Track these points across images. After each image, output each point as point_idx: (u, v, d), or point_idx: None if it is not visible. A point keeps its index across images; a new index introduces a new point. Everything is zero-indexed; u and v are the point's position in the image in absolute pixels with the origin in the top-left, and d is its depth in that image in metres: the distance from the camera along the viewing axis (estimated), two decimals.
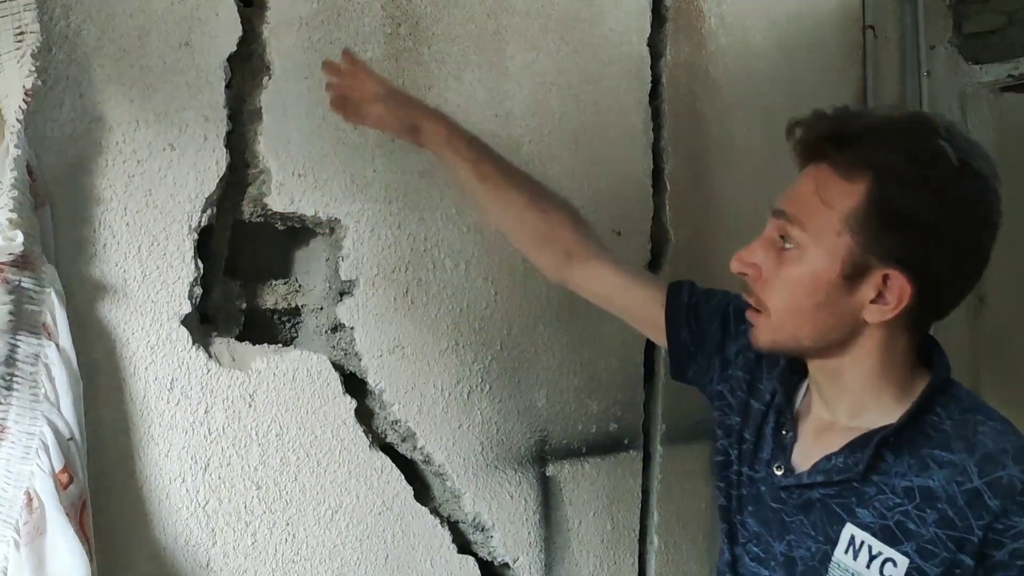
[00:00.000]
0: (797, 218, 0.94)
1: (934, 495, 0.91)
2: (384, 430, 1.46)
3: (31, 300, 1.04)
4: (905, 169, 0.90)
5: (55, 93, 1.13)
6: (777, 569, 1.01)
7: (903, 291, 0.91)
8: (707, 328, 1.16)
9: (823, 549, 0.96)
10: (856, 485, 0.95)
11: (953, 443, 0.92)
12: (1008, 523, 0.88)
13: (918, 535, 0.91)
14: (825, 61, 2.28)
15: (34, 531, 1.01)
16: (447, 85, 1.50)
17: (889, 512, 0.93)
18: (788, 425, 1.03)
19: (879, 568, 0.92)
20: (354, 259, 1.40)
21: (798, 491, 0.99)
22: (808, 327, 0.96)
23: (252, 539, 1.28)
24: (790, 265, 0.95)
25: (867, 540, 0.93)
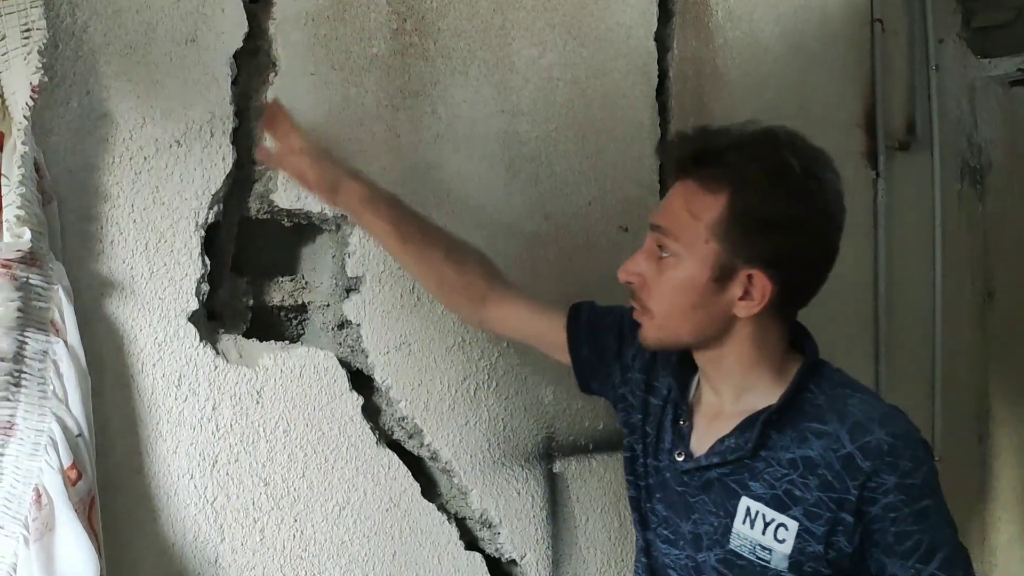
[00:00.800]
0: (670, 230, 1.07)
1: (814, 463, 1.04)
2: (391, 427, 1.46)
3: (39, 297, 1.04)
4: (758, 181, 1.03)
5: (62, 90, 1.13)
6: (686, 547, 1.12)
7: (765, 288, 1.04)
8: (606, 340, 1.28)
9: (724, 523, 1.08)
10: (747, 462, 1.07)
11: (827, 416, 1.05)
12: (879, 481, 1.01)
13: (804, 500, 1.03)
14: (833, 55, 2.27)
15: (43, 527, 1.01)
16: (453, 80, 1.50)
17: (777, 482, 1.05)
18: (684, 416, 1.16)
19: (773, 533, 1.05)
20: (360, 256, 1.40)
21: (698, 473, 1.11)
22: (687, 325, 1.08)
23: (260, 535, 1.28)
24: (668, 272, 1.07)
25: (761, 510, 1.06)
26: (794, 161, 1.04)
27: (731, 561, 1.08)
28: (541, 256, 1.62)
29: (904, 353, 2.49)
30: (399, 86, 1.43)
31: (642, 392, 1.22)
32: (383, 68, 1.41)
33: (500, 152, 1.56)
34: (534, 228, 1.61)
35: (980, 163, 2.83)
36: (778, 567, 1.05)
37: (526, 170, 1.60)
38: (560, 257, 1.64)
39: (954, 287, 2.70)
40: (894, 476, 1.01)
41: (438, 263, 1.29)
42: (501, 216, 1.56)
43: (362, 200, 1.26)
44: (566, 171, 1.65)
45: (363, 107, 1.39)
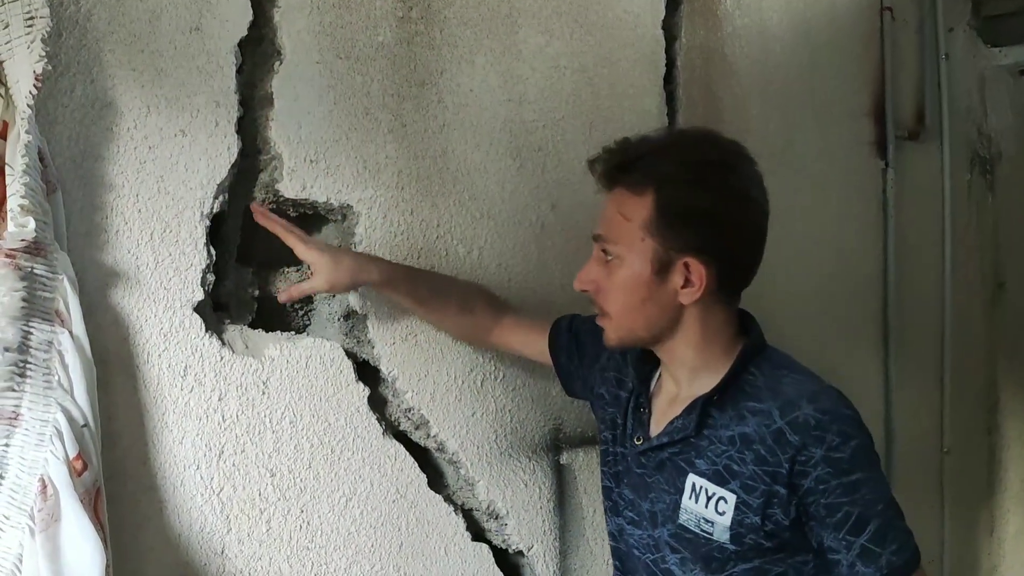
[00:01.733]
0: (609, 236, 1.16)
1: (750, 439, 1.11)
2: (397, 418, 1.46)
3: (44, 287, 1.04)
4: (678, 174, 1.12)
5: (66, 79, 1.12)
6: (647, 527, 1.21)
7: (701, 273, 1.12)
8: (587, 346, 1.39)
9: (674, 499, 1.17)
10: (693, 441, 1.16)
11: (763, 395, 1.14)
12: (808, 454, 1.08)
13: (740, 474, 1.11)
14: (842, 44, 2.25)
15: (49, 518, 1.00)
16: (459, 69, 1.48)
17: (718, 459, 1.13)
18: (644, 404, 1.25)
19: (714, 506, 1.12)
20: (366, 246, 1.39)
21: (652, 453, 1.20)
22: (640, 320, 1.17)
23: (267, 526, 1.28)
24: (616, 273, 1.15)
25: (704, 484, 1.14)
26: (710, 155, 1.15)
27: (680, 535, 1.16)
28: (548, 245, 1.61)
29: (913, 344, 2.48)
30: (405, 75, 1.42)
31: (614, 387, 1.32)
32: (389, 57, 1.40)
33: (507, 141, 1.55)
34: (541, 217, 1.60)
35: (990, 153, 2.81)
36: (720, 539, 1.12)
37: (533, 159, 1.59)
38: (567, 247, 1.63)
39: (963, 278, 2.68)
40: (820, 449, 1.08)
41: (453, 315, 1.43)
42: (508, 205, 1.55)
43: (379, 286, 1.35)
44: (573, 160, 1.64)
45: (369, 96, 1.38)
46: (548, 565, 1.60)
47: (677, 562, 1.17)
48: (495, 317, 1.45)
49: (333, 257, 1.28)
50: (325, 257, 1.27)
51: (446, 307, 1.42)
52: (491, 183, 1.53)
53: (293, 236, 1.27)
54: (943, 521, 2.63)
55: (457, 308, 1.42)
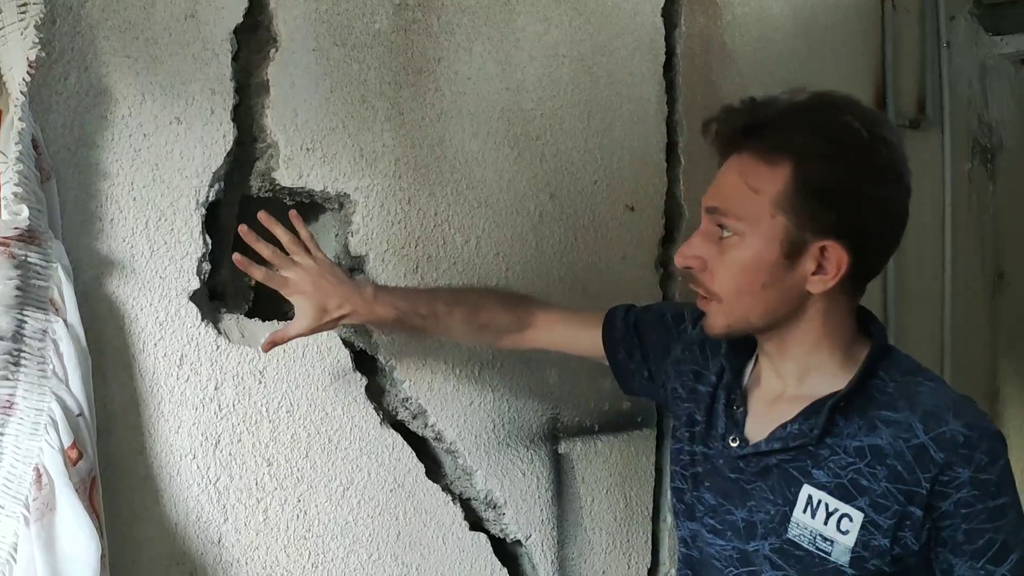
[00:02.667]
0: (730, 210, 1.01)
1: (883, 452, 0.99)
2: (395, 407, 1.45)
3: (38, 275, 1.03)
4: (821, 147, 0.97)
5: (60, 66, 1.11)
6: (732, 537, 1.07)
7: (841, 259, 0.99)
8: (650, 339, 1.28)
9: (782, 511, 1.03)
10: (811, 449, 1.02)
11: (897, 403, 1.00)
12: (952, 475, 0.96)
13: (871, 490, 0.98)
14: (843, 32, 2.24)
15: (44, 507, 1.00)
16: (457, 57, 1.47)
17: (843, 471, 1.00)
18: (738, 401, 1.11)
19: (836, 523, 0.99)
20: (364, 234, 1.39)
21: (756, 459, 1.06)
22: (758, 307, 1.03)
23: (264, 515, 1.28)
24: (733, 252, 1.01)
25: (823, 498, 1.00)
26: (857, 124, 0.98)
27: (787, 551, 1.02)
28: (546, 235, 1.60)
29: (913, 334, 2.48)
30: (402, 63, 1.41)
31: (692, 381, 1.18)
32: (386, 44, 1.39)
33: (505, 130, 1.54)
34: (539, 207, 1.59)
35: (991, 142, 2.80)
36: (839, 560, 0.99)
37: (531, 148, 1.58)
38: (566, 236, 1.63)
39: (964, 267, 2.68)
40: (968, 470, 0.96)
41: (459, 326, 1.34)
42: (506, 194, 1.54)
43: (368, 316, 1.27)
44: (571, 149, 1.63)
45: (366, 84, 1.37)
46: (546, 554, 1.60)
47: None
48: (518, 319, 1.35)
49: (319, 301, 1.21)
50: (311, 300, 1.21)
51: (450, 319, 1.32)
52: (489, 172, 1.52)
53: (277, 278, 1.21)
54: None
55: (463, 320, 1.33)
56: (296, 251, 1.22)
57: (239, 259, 1.18)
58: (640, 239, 1.75)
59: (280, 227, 1.22)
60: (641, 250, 1.75)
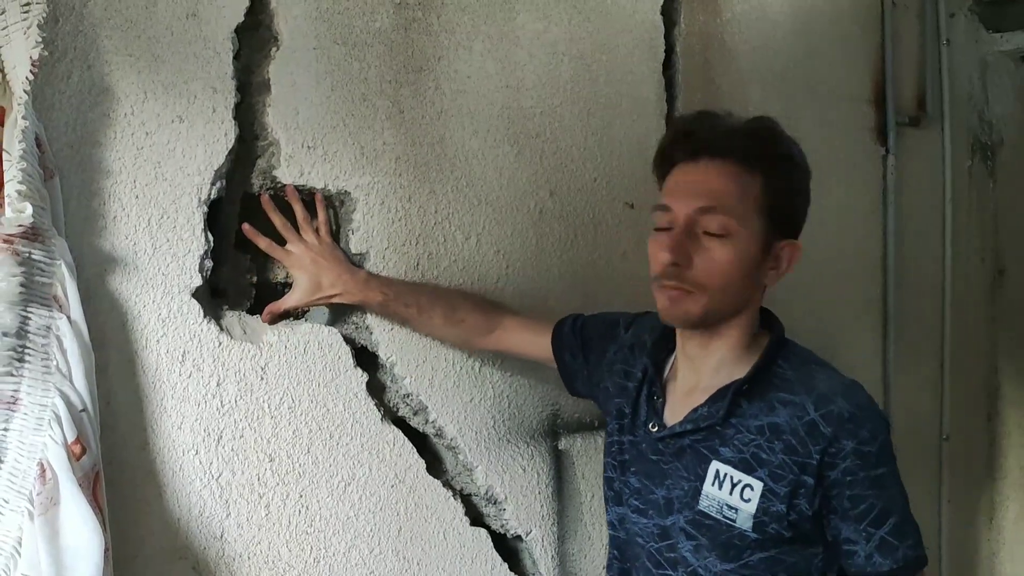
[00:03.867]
0: (724, 208, 1.12)
1: (780, 429, 1.12)
2: (396, 403, 1.46)
3: (42, 272, 1.04)
4: (783, 163, 1.16)
5: (63, 65, 1.12)
6: (654, 515, 1.20)
7: (794, 254, 1.17)
8: (593, 344, 1.40)
9: (695, 486, 1.16)
10: (718, 429, 1.15)
11: (795, 387, 1.14)
12: (839, 446, 1.09)
13: (769, 462, 1.12)
14: (843, 29, 2.24)
15: (48, 502, 1.01)
16: (457, 55, 1.48)
17: (745, 447, 1.13)
18: (658, 392, 1.25)
19: (739, 493, 1.12)
20: (364, 232, 1.40)
21: (672, 440, 1.19)
22: (734, 298, 1.16)
23: (266, 510, 1.29)
24: (724, 248, 1.12)
25: (729, 472, 1.13)
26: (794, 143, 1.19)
27: (699, 521, 1.15)
28: (546, 232, 1.61)
29: (913, 331, 2.48)
30: (402, 61, 1.42)
31: (621, 379, 1.31)
32: (386, 43, 1.40)
33: (505, 128, 1.55)
34: (539, 204, 1.60)
35: (991, 139, 2.80)
36: (743, 526, 1.12)
37: (531, 146, 1.58)
38: (565, 234, 1.63)
39: (963, 264, 2.68)
40: (852, 442, 1.09)
41: (439, 326, 1.43)
42: (506, 192, 1.55)
43: (357, 297, 1.36)
44: (571, 147, 1.64)
45: (366, 82, 1.38)
46: (546, 550, 1.61)
47: (691, 549, 1.16)
48: (488, 321, 1.45)
49: (315, 277, 1.32)
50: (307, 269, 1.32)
51: (431, 320, 1.42)
52: (489, 170, 1.53)
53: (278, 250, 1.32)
54: (942, 508, 2.63)
55: (443, 319, 1.42)
56: (305, 229, 1.33)
57: (247, 228, 1.30)
58: (640, 236, 1.75)
59: (299, 204, 1.33)
60: (641, 247, 1.72)
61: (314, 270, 1.32)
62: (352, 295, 1.34)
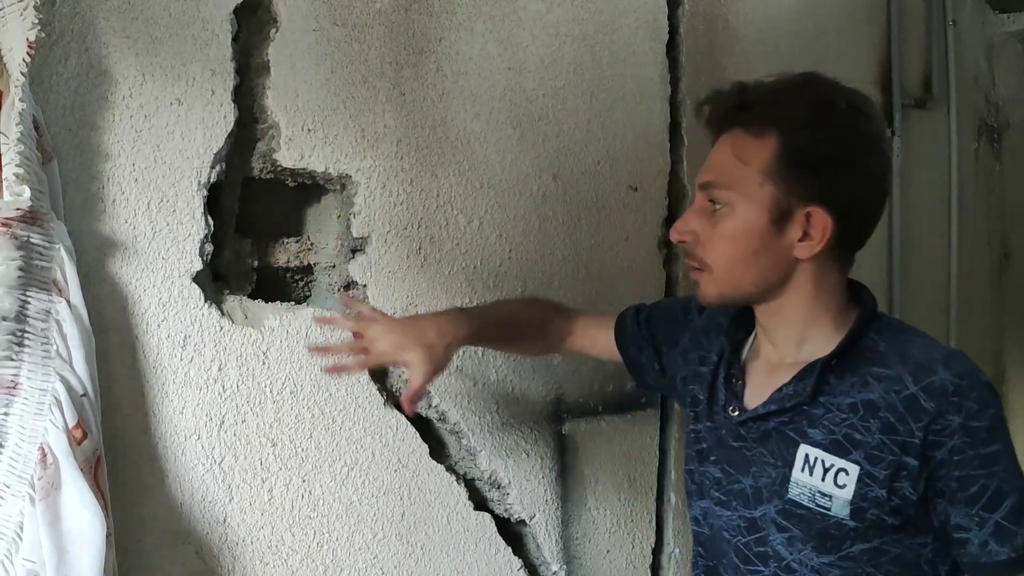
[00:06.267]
0: (720, 182, 1.06)
1: (875, 406, 1.01)
2: (398, 388, 1.45)
3: (41, 256, 1.03)
4: (805, 116, 1.03)
5: (60, 47, 1.11)
6: (740, 507, 1.10)
7: (825, 224, 1.03)
8: (660, 333, 1.32)
9: (782, 472, 1.06)
10: (806, 408, 1.05)
11: (889, 360, 1.03)
12: (944, 423, 0.98)
13: (864, 444, 1.01)
14: (848, 10, 2.22)
15: (49, 486, 1.01)
16: (458, 36, 1.47)
17: (837, 427, 1.03)
18: (737, 374, 1.15)
19: (833, 479, 1.02)
20: (366, 216, 1.39)
21: (755, 424, 1.09)
22: (749, 274, 1.07)
23: (268, 495, 1.28)
24: (724, 222, 1.06)
25: (819, 455, 1.04)
26: (839, 98, 1.04)
27: (790, 511, 1.05)
28: (549, 216, 1.60)
29: (918, 314, 2.46)
30: (403, 42, 1.41)
31: (695, 364, 1.22)
32: (386, 24, 1.39)
33: (507, 110, 1.53)
34: (542, 187, 1.58)
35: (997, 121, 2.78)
36: (839, 514, 1.02)
37: (534, 128, 1.57)
38: (569, 217, 1.62)
39: (970, 247, 2.66)
40: (959, 417, 0.98)
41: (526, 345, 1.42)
42: (508, 175, 1.54)
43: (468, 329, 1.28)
44: (574, 129, 1.62)
45: (367, 64, 1.37)
46: (550, 534, 1.60)
47: (784, 541, 1.06)
48: (566, 324, 1.40)
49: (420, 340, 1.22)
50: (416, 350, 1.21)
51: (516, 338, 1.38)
52: (491, 153, 1.52)
53: None
54: None
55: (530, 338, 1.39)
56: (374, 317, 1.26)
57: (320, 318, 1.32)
58: (643, 219, 1.74)
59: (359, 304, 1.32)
60: (644, 230, 1.75)
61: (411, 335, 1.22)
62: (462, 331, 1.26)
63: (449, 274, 1.47)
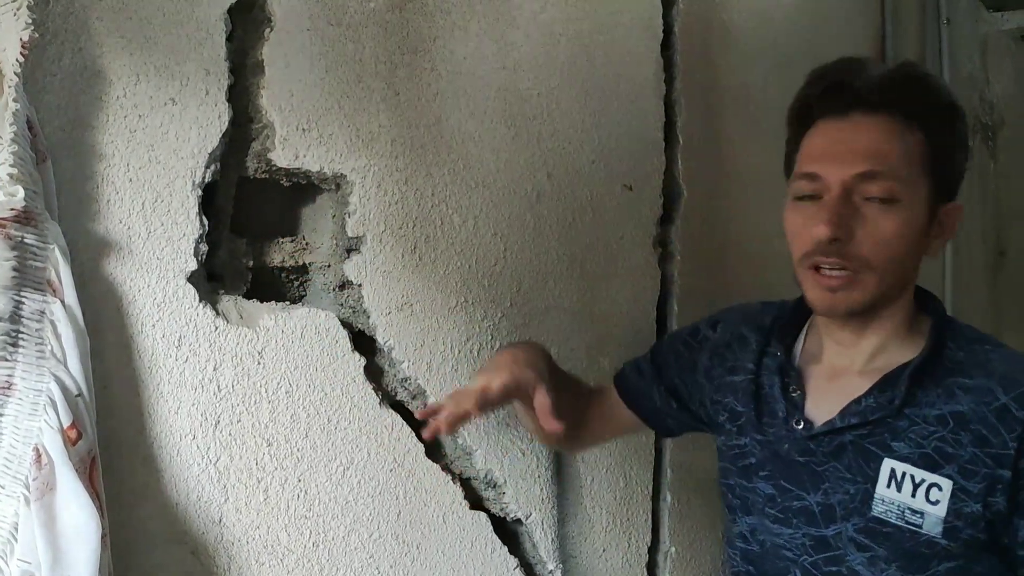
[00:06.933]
0: (888, 171, 0.98)
1: (965, 418, 0.97)
2: (394, 387, 1.46)
3: (35, 256, 1.03)
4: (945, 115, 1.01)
5: (54, 47, 1.11)
6: (804, 524, 1.04)
7: (958, 219, 1.02)
8: (671, 365, 1.27)
9: (863, 488, 1.00)
10: (889, 421, 1.00)
11: (971, 370, 1.00)
12: None
13: (957, 457, 0.96)
14: (844, 8, 2.23)
15: (43, 487, 1.01)
16: (452, 36, 1.47)
17: (925, 440, 0.98)
18: (794, 383, 1.08)
19: (924, 494, 0.97)
20: (361, 215, 1.39)
21: (828, 438, 1.03)
22: (902, 274, 1.02)
23: (264, 495, 1.28)
24: (890, 217, 0.98)
25: (908, 470, 0.98)
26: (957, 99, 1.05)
27: (875, 530, 1.00)
28: (544, 215, 1.60)
29: None
30: (397, 42, 1.41)
31: (725, 377, 1.17)
32: (380, 23, 1.39)
33: (501, 109, 1.53)
34: (536, 186, 1.59)
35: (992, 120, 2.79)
36: (931, 532, 0.97)
37: (528, 128, 1.57)
38: (563, 216, 1.62)
39: (965, 245, 2.67)
40: None
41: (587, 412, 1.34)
42: (503, 175, 1.54)
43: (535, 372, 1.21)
44: (569, 129, 1.62)
45: (361, 63, 1.36)
46: (546, 533, 1.61)
47: (864, 561, 1.00)
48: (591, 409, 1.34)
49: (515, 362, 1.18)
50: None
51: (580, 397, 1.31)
52: (486, 152, 1.52)
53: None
54: None
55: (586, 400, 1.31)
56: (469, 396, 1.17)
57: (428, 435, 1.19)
58: (638, 219, 1.74)
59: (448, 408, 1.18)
60: (639, 230, 1.75)
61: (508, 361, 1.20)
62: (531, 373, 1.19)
63: (444, 273, 1.47)
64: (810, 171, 1.01)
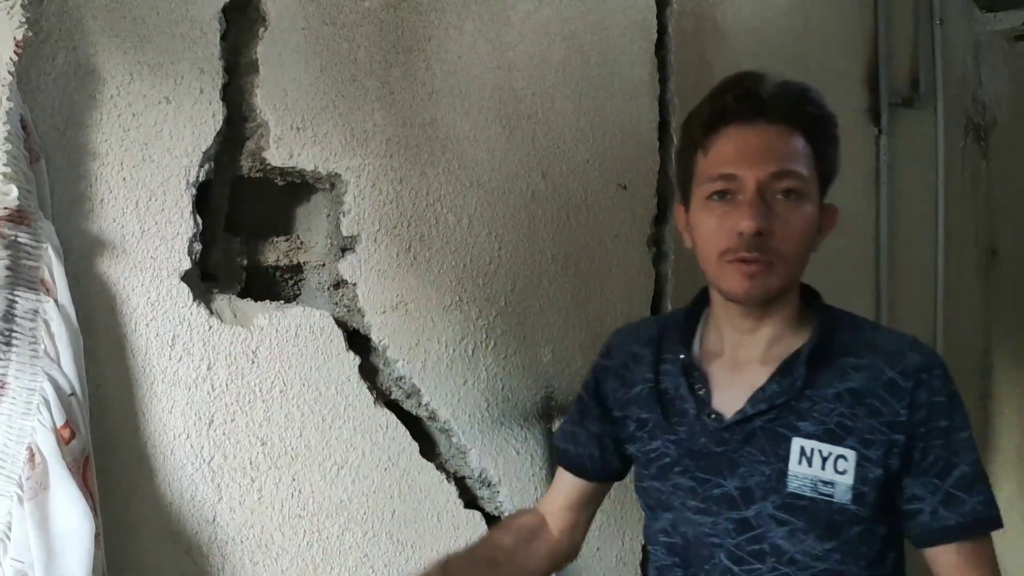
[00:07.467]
0: (796, 171, 1.07)
1: (859, 393, 1.07)
2: (388, 387, 1.46)
3: (28, 255, 1.03)
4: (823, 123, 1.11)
5: (48, 46, 1.10)
6: (725, 509, 1.10)
7: (834, 218, 1.13)
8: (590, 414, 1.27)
9: (777, 468, 1.08)
10: (793, 404, 1.08)
11: (858, 350, 1.09)
12: (915, 399, 1.05)
13: (856, 429, 1.06)
14: (836, 9, 2.24)
15: (37, 486, 1.01)
16: (447, 35, 1.47)
17: (827, 417, 1.07)
18: (699, 381, 1.15)
19: (833, 466, 1.06)
20: (355, 215, 1.39)
21: (740, 427, 1.10)
22: (801, 267, 1.11)
23: (258, 494, 1.28)
24: (799, 213, 1.07)
25: (815, 446, 1.07)
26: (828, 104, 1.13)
27: (792, 504, 1.07)
28: (538, 214, 1.60)
29: (906, 311, 2.48)
30: (392, 41, 1.41)
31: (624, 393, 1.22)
32: (375, 22, 1.39)
33: (496, 109, 1.54)
34: (531, 186, 1.59)
35: (984, 120, 2.80)
36: (842, 499, 1.05)
37: (523, 127, 1.57)
38: (558, 215, 1.63)
39: (957, 245, 2.68)
40: (926, 393, 1.05)
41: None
42: (497, 174, 1.54)
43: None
44: (563, 128, 1.63)
45: (355, 62, 1.36)
46: None
47: (785, 535, 1.07)
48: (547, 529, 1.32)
49: None
50: None
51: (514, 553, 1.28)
52: (480, 151, 1.52)
53: None
54: None
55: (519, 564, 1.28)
56: None
57: None
58: (633, 218, 1.75)
59: None
60: (634, 229, 1.75)
61: None
62: None
63: (439, 272, 1.47)
64: (726, 172, 1.07)
